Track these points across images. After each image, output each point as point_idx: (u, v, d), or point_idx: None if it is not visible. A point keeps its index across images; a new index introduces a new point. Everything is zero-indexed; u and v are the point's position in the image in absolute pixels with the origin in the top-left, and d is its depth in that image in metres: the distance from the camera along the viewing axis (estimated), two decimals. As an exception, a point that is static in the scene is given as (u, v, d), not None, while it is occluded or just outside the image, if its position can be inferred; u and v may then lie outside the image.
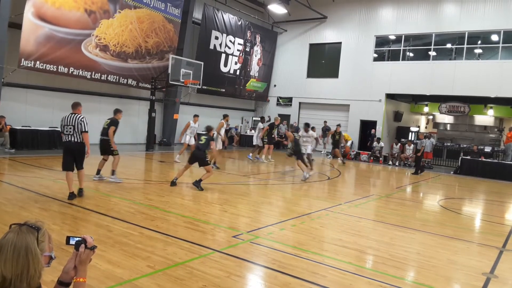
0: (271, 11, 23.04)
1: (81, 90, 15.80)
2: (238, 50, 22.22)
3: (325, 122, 21.63)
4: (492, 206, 10.48)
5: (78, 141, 7.08)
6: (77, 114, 7.13)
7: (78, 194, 7.24)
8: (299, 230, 6.31)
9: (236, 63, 22.31)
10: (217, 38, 20.69)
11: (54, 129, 13.90)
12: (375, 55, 21.74)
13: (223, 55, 21.37)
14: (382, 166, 18.20)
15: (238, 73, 22.60)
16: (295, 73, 24.05)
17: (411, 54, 21.33)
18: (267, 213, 7.58)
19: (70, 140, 7.06)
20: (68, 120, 7.07)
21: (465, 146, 21.52)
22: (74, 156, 7.16)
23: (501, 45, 18.35)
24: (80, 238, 2.03)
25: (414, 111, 26.38)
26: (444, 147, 22.09)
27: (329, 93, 22.61)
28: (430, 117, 27.88)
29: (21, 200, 6.84)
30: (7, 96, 13.56)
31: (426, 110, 25.75)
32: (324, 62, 23.71)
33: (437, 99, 21.31)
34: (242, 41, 22.33)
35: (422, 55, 20.98)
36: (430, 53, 20.48)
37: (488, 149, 19.86)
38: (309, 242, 5.71)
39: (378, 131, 21.01)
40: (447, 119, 26.21)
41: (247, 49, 22.82)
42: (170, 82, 16.57)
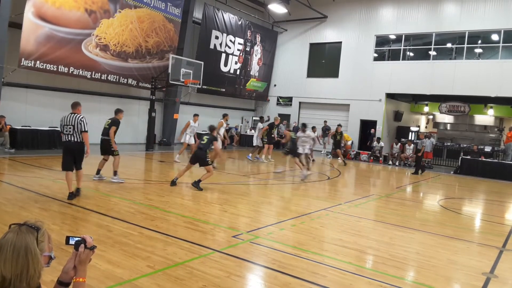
0: (271, 11, 23.04)
1: (81, 89, 15.81)
2: (238, 49, 22.22)
3: (325, 122, 21.63)
4: (492, 206, 10.48)
5: (78, 140, 7.09)
6: (76, 114, 7.13)
7: (76, 192, 7.24)
8: (299, 230, 6.31)
9: (236, 63, 22.30)
10: (217, 37, 20.69)
11: (54, 129, 13.90)
12: (375, 55, 21.74)
13: (223, 55, 21.36)
14: (382, 166, 18.20)
15: (238, 72, 22.60)
16: (295, 72, 24.04)
17: (411, 54, 21.33)
18: (267, 213, 7.58)
19: (70, 140, 7.07)
20: (67, 120, 7.08)
21: (465, 146, 21.51)
22: (74, 156, 7.16)
23: (501, 44, 18.34)
24: (79, 238, 2.03)
25: (414, 111, 26.37)
26: (444, 147, 22.08)
27: (329, 92, 22.61)
28: (430, 116, 27.86)
29: (21, 200, 6.85)
30: (7, 95, 13.56)
31: (426, 109, 25.74)
32: (324, 61, 23.71)
33: (437, 99, 21.31)
34: (242, 40, 22.32)
35: (422, 55, 20.98)
36: (430, 52, 20.47)
37: (488, 149, 19.85)
38: (309, 242, 5.71)
39: (378, 131, 21.00)
40: (447, 119, 26.20)
41: (247, 48, 22.82)
42: (170, 82, 16.57)
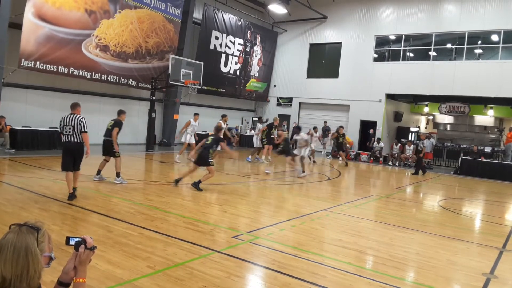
0: (271, 11, 23.04)
1: (81, 90, 15.81)
2: (238, 50, 22.22)
3: (325, 122, 21.62)
4: (492, 206, 10.48)
5: (78, 141, 7.11)
6: (76, 115, 7.15)
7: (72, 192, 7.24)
8: (299, 230, 6.31)
9: (236, 63, 22.30)
10: (217, 38, 20.70)
11: (54, 129, 13.89)
12: (375, 55, 21.74)
13: (223, 55, 21.37)
14: (382, 167, 18.20)
15: (238, 73, 22.60)
16: (295, 73, 24.04)
17: (411, 54, 21.33)
18: (267, 213, 7.58)
19: (69, 140, 7.09)
20: (67, 120, 7.10)
21: (465, 146, 21.51)
22: (74, 156, 7.18)
23: (501, 45, 18.35)
24: (79, 239, 2.03)
25: (414, 111, 26.36)
26: (444, 148, 22.07)
27: (329, 93, 22.61)
28: (430, 117, 27.86)
29: (21, 200, 6.85)
30: (7, 96, 13.56)
31: (426, 110, 25.73)
32: (324, 62, 23.71)
33: (437, 99, 21.30)
34: (242, 41, 22.33)
35: (422, 55, 20.98)
36: (430, 53, 20.48)
37: (488, 149, 19.84)
38: (309, 242, 5.71)
39: (378, 131, 21.00)
40: (447, 119, 26.20)
41: (247, 49, 22.82)
42: (170, 82, 16.56)
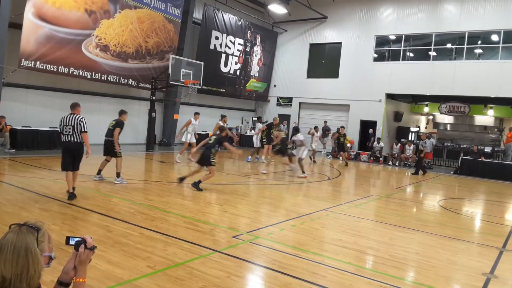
0: (271, 11, 23.04)
1: (81, 90, 15.82)
2: (238, 50, 22.22)
3: (325, 122, 21.62)
4: (492, 206, 10.48)
5: (77, 141, 7.13)
6: (76, 115, 7.17)
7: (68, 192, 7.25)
8: (299, 230, 6.31)
9: (236, 63, 22.30)
10: (217, 38, 20.70)
11: (54, 129, 13.88)
12: (375, 55, 21.74)
13: (223, 55, 21.37)
14: (382, 166, 18.20)
15: (238, 73, 22.60)
16: (295, 73, 24.03)
17: (411, 54, 21.33)
18: (267, 213, 7.58)
19: (69, 140, 7.10)
20: (67, 120, 7.11)
21: (465, 146, 21.50)
22: (73, 156, 7.19)
23: (501, 45, 18.34)
24: (79, 239, 2.03)
25: (414, 111, 26.36)
26: (444, 147, 22.07)
27: (329, 93, 22.61)
28: (430, 117, 27.86)
29: (21, 200, 6.85)
30: (8, 96, 13.57)
31: (426, 110, 25.73)
32: (324, 62, 23.71)
33: (437, 99, 21.30)
34: (242, 41, 22.32)
35: (422, 55, 20.98)
36: (430, 53, 20.48)
37: (488, 149, 19.84)
38: (309, 242, 5.71)
39: (378, 131, 21.00)
40: (447, 119, 26.20)
41: (247, 49, 22.82)
42: (170, 82, 16.57)
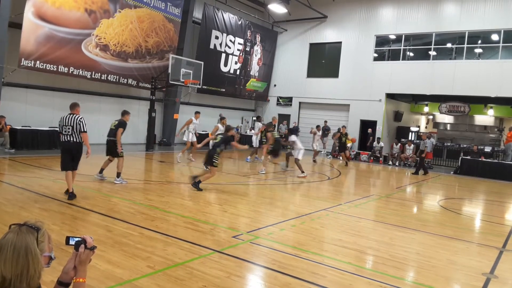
0: (271, 11, 23.04)
1: (81, 90, 15.81)
2: (238, 49, 22.21)
3: (325, 122, 21.61)
4: (492, 206, 10.48)
5: (77, 141, 7.13)
6: (75, 115, 7.17)
7: (66, 192, 7.27)
8: (299, 230, 6.31)
9: (236, 63, 22.30)
10: (217, 37, 20.69)
11: (54, 129, 13.83)
12: (375, 55, 21.74)
13: (223, 55, 21.36)
14: (382, 166, 18.20)
15: (238, 72, 22.59)
16: (295, 72, 24.03)
17: (411, 54, 21.32)
18: (267, 213, 7.57)
19: (68, 140, 7.11)
20: (66, 120, 7.11)
21: (465, 146, 21.50)
22: (72, 155, 7.20)
23: (501, 44, 18.34)
24: (79, 238, 2.03)
25: (414, 111, 26.37)
26: (444, 147, 22.07)
27: (329, 93, 22.61)
28: (430, 117, 27.86)
29: (21, 200, 6.85)
30: (7, 96, 13.56)
31: (426, 110, 25.74)
32: (324, 61, 23.70)
33: (437, 99, 21.31)
34: (242, 40, 22.32)
35: (422, 55, 20.98)
36: (430, 52, 20.47)
37: (488, 149, 19.84)
38: (309, 242, 5.71)
39: (378, 131, 21.00)
40: (447, 119, 26.19)
41: (247, 48, 22.81)
42: (170, 82, 16.57)
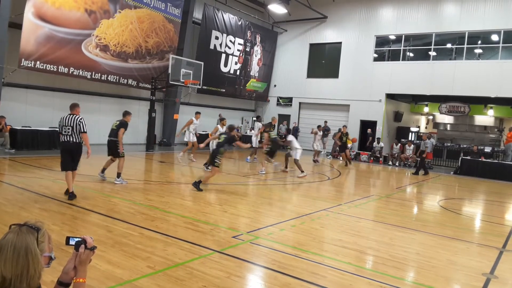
0: (271, 11, 23.04)
1: (81, 90, 15.81)
2: (238, 50, 22.21)
3: (325, 122, 21.61)
4: (492, 206, 10.48)
5: (76, 141, 7.14)
6: (75, 115, 7.17)
7: (66, 192, 7.28)
8: (299, 230, 6.31)
9: (236, 63, 22.30)
10: (217, 38, 20.69)
11: (54, 129, 13.83)
12: (375, 55, 21.74)
13: (223, 55, 21.36)
14: (382, 167, 18.20)
15: (238, 73, 22.59)
16: (295, 73, 24.03)
17: (411, 54, 21.33)
18: (267, 213, 7.57)
19: (68, 140, 7.12)
20: (66, 120, 7.12)
21: (465, 146, 21.49)
22: (72, 155, 7.20)
23: (501, 45, 18.34)
24: (80, 239, 2.03)
25: (414, 111, 26.36)
26: (444, 147, 22.07)
27: (329, 93, 22.61)
28: (430, 117, 27.86)
29: (21, 200, 6.85)
30: (7, 96, 13.56)
31: (426, 110, 25.73)
32: (324, 62, 23.71)
33: (437, 99, 21.30)
34: (242, 41, 22.32)
35: (422, 55, 20.98)
36: (430, 53, 20.48)
37: (488, 149, 19.83)
38: (309, 242, 5.71)
39: (378, 131, 21.00)
40: (447, 119, 26.20)
41: (247, 49, 22.82)
42: (170, 82, 16.57)
